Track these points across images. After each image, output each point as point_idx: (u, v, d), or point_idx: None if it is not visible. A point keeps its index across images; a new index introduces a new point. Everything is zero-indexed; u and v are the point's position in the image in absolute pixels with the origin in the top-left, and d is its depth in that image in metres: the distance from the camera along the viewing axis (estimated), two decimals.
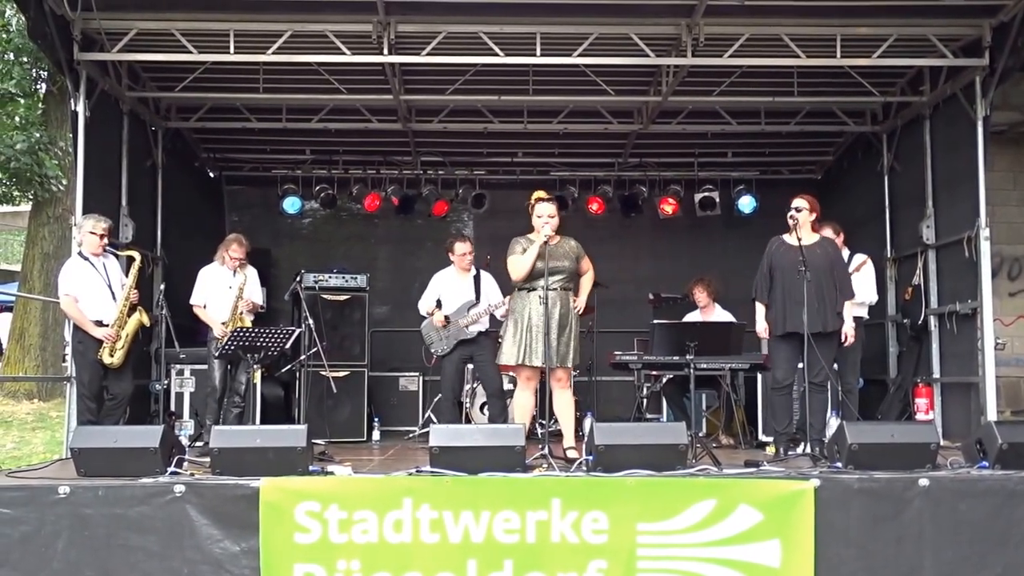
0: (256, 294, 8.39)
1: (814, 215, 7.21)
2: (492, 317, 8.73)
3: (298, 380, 9.55)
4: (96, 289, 7.48)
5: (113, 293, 7.55)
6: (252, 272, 8.42)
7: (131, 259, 7.73)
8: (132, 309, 7.57)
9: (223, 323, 8.03)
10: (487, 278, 8.93)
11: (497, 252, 7.82)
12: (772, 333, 7.21)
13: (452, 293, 8.75)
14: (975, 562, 5.43)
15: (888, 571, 5.40)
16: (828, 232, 8.38)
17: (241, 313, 8.11)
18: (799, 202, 7.24)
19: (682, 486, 5.47)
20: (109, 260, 7.71)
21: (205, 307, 8.21)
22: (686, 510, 5.37)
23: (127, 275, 7.71)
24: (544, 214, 6.85)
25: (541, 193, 7.07)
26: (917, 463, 5.73)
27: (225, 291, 8.19)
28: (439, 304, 8.70)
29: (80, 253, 7.61)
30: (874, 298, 8.59)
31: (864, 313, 8.52)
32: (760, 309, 7.30)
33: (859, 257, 8.54)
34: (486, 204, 11.57)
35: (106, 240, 7.66)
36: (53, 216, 14.64)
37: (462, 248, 8.78)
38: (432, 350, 8.72)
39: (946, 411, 9.00)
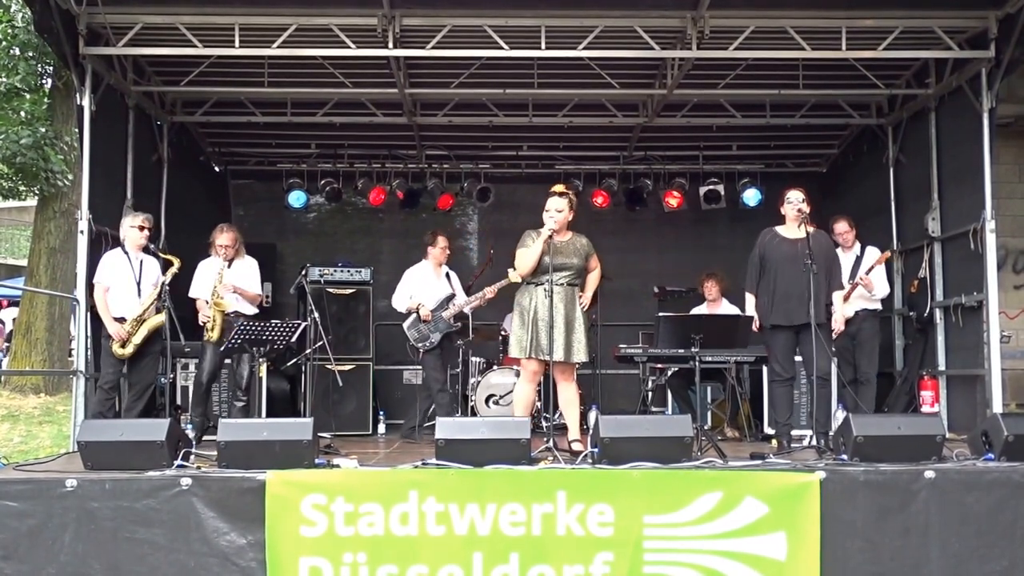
0: (249, 283, 8.32)
1: (809, 207, 7.22)
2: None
3: (304, 374, 9.58)
4: (123, 285, 7.67)
5: (140, 291, 7.70)
6: (247, 261, 8.38)
7: (169, 263, 7.78)
8: (157, 308, 7.68)
9: (206, 314, 8.00)
10: (453, 274, 9.16)
11: (501, 246, 7.85)
12: (762, 324, 7.22)
13: (429, 288, 8.86)
14: (982, 554, 5.43)
15: (894, 563, 5.41)
16: (843, 225, 8.42)
17: (221, 297, 8.00)
18: (800, 195, 7.23)
19: (688, 478, 5.47)
20: (147, 259, 7.84)
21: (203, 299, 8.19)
22: (692, 503, 5.38)
23: (163, 274, 7.80)
24: (552, 208, 6.91)
25: (559, 187, 7.13)
26: (923, 455, 5.72)
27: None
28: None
29: (122, 247, 7.78)
30: (887, 291, 8.60)
31: (878, 305, 8.54)
32: (751, 300, 7.32)
33: (874, 252, 8.55)
34: (491, 198, 11.56)
35: (147, 232, 7.81)
36: (59, 211, 14.68)
37: (444, 241, 9.00)
38: (419, 345, 8.74)
39: (951, 403, 9.00)
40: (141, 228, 7.78)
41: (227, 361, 8.25)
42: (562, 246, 6.89)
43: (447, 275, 9.09)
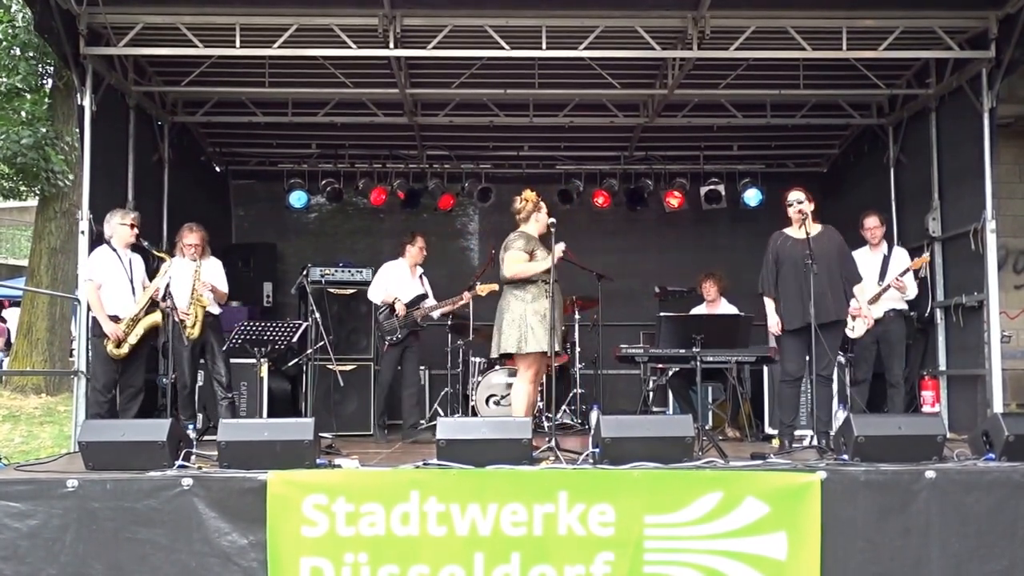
0: (220, 282, 8.31)
1: (812, 205, 7.19)
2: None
3: (305, 374, 9.59)
4: (117, 282, 7.63)
5: (133, 288, 7.67)
6: (213, 261, 8.36)
7: (162, 260, 7.78)
8: (152, 307, 7.64)
9: (185, 310, 7.97)
10: (425, 277, 9.31)
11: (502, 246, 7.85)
12: (783, 328, 7.20)
13: (404, 286, 9.03)
14: (982, 554, 5.43)
15: (895, 563, 5.41)
16: (872, 220, 8.40)
17: (200, 295, 7.99)
18: (799, 195, 7.22)
19: (689, 478, 5.47)
20: (135, 257, 7.82)
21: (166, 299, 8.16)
22: (693, 502, 5.38)
23: (154, 275, 7.75)
24: (546, 212, 7.27)
25: (532, 193, 7.42)
26: (924, 455, 5.72)
27: (187, 279, 8.13)
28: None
29: (109, 245, 7.72)
30: (917, 291, 8.55)
31: (906, 305, 8.51)
32: (770, 304, 7.28)
33: (902, 252, 8.52)
34: (492, 198, 11.56)
35: (137, 230, 7.78)
36: (60, 211, 14.69)
37: (422, 242, 9.18)
38: (387, 338, 8.89)
39: (952, 404, 9.00)
40: (132, 226, 7.75)
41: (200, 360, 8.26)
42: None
43: (421, 276, 9.26)
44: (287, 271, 11.49)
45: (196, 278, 7.97)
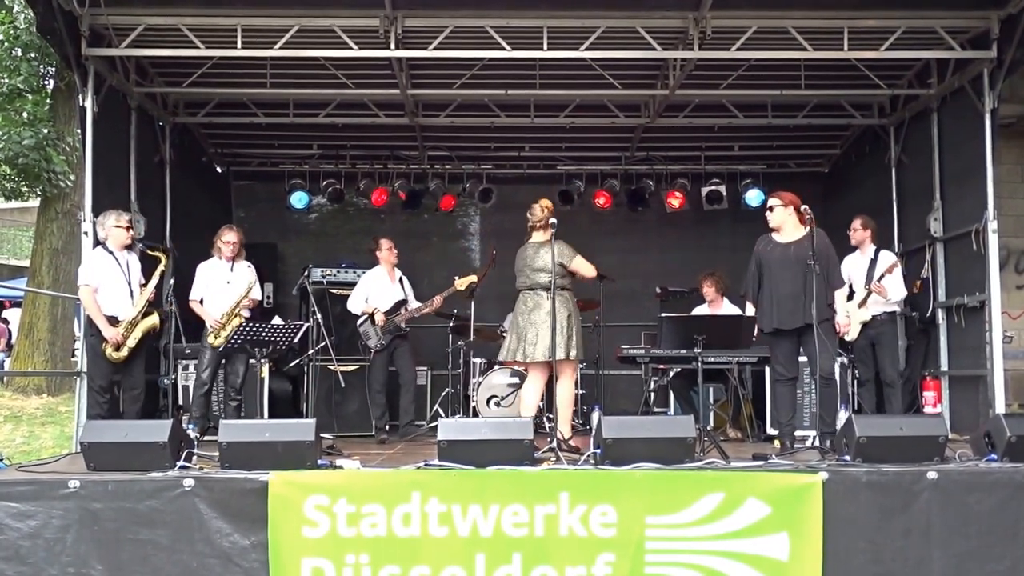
0: (256, 290, 8.37)
1: (791, 207, 7.14)
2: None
3: (306, 374, 9.58)
4: (115, 284, 7.61)
5: (131, 290, 7.64)
6: (245, 264, 8.40)
7: (157, 260, 7.77)
8: (149, 309, 7.64)
9: (218, 319, 8.02)
10: (406, 279, 9.37)
11: (503, 247, 7.87)
12: (763, 329, 7.22)
13: (383, 292, 9.11)
14: (983, 555, 5.42)
15: (896, 564, 5.40)
16: (855, 222, 8.43)
17: (239, 311, 8.09)
18: (772, 199, 7.24)
19: (690, 479, 5.47)
20: (132, 257, 7.82)
21: (201, 302, 8.18)
22: (694, 503, 5.37)
23: (150, 275, 7.75)
24: None
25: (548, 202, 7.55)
26: (925, 456, 5.71)
27: (223, 285, 8.17)
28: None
29: (104, 247, 7.70)
30: (903, 294, 8.54)
31: (897, 308, 8.50)
32: (750, 308, 7.34)
33: (887, 255, 8.51)
34: (493, 198, 11.57)
35: (133, 232, 7.79)
36: (61, 212, 14.71)
37: (388, 243, 9.26)
38: (371, 345, 8.91)
39: (954, 404, 8.99)
40: (128, 228, 7.76)
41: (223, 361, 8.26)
42: None
43: (400, 280, 9.30)
44: (288, 272, 11.49)
45: (245, 295, 8.08)
